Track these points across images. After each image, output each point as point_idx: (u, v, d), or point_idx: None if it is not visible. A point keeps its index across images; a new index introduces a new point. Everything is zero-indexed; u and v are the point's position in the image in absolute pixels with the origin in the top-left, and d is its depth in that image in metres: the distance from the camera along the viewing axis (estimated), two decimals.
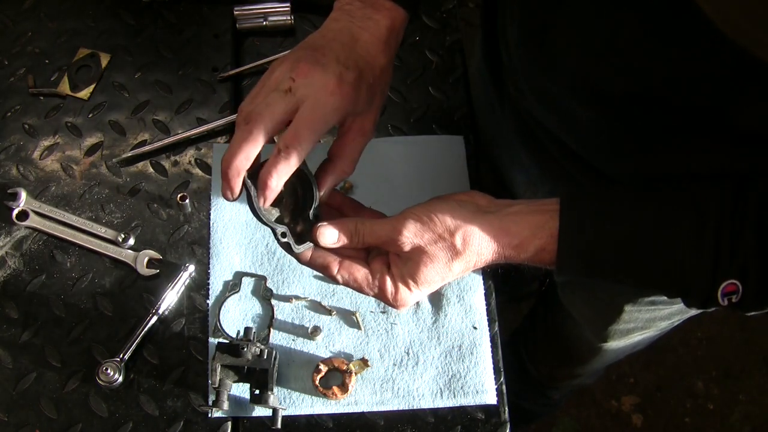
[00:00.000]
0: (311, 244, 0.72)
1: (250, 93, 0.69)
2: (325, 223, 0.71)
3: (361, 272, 0.71)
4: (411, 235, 0.69)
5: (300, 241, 0.72)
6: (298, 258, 0.73)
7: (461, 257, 0.69)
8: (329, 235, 0.70)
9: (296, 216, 0.73)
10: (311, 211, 0.72)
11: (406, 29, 0.77)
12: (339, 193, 0.77)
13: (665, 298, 0.94)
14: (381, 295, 0.71)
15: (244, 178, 0.67)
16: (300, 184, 0.73)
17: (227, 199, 0.68)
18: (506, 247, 0.69)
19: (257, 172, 0.67)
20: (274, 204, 0.71)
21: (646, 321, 1.07)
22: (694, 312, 1.09)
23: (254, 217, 0.69)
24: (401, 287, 0.70)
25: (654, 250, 0.66)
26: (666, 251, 0.65)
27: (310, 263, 0.73)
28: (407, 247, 0.69)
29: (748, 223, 0.62)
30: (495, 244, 0.69)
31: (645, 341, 1.21)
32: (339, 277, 0.71)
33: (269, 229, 0.70)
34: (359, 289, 0.72)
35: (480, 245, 0.69)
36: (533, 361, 1.53)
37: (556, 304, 1.25)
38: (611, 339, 1.15)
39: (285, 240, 0.70)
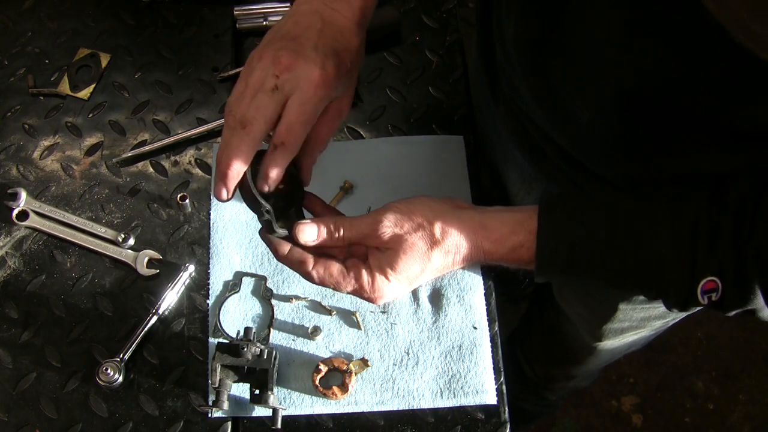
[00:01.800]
0: (286, 232, 0.72)
1: (234, 89, 0.69)
2: (305, 221, 0.72)
3: (336, 266, 0.71)
4: (391, 225, 0.70)
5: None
6: (276, 252, 0.73)
7: (440, 246, 0.70)
8: (309, 232, 0.71)
9: (280, 213, 0.73)
10: (293, 209, 0.72)
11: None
12: (320, 202, 0.78)
13: None
14: (357, 285, 0.71)
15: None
16: (287, 180, 0.73)
17: (220, 199, 0.69)
18: (485, 240, 0.70)
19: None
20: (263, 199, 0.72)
21: (640, 320, 1.07)
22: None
23: (246, 203, 0.70)
24: (378, 276, 0.70)
25: (632, 247, 0.66)
26: (644, 248, 0.65)
27: (287, 258, 0.73)
28: (387, 237, 0.70)
29: (726, 219, 0.61)
30: (474, 236, 0.70)
31: (640, 342, 1.21)
32: (314, 273, 0.72)
33: (257, 212, 0.70)
34: (335, 285, 0.72)
35: (458, 236, 0.70)
36: (529, 361, 1.53)
37: (552, 304, 1.26)
38: (606, 338, 1.16)
39: (267, 218, 0.70)
